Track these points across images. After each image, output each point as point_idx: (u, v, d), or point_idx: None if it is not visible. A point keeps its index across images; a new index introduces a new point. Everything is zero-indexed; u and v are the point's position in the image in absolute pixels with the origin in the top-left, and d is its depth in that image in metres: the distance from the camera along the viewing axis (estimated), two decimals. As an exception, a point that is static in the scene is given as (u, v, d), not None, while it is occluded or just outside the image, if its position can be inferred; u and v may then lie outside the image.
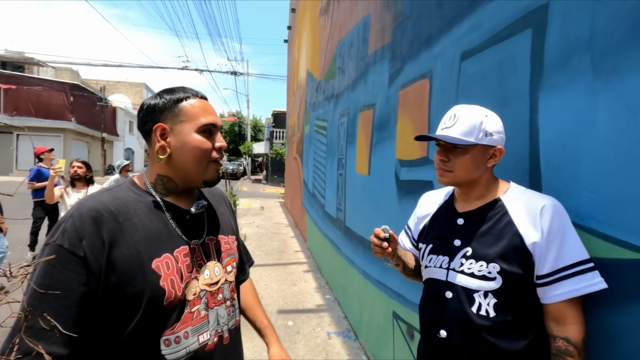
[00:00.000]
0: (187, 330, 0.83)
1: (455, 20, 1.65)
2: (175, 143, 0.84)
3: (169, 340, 0.80)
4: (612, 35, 0.90)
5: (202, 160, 0.85)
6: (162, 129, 0.85)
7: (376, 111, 2.79)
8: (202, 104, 0.88)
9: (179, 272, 0.82)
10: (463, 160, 0.99)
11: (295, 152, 8.95)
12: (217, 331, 0.89)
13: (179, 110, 0.85)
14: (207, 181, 0.89)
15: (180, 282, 0.82)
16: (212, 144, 0.87)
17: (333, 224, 4.31)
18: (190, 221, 0.90)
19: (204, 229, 0.93)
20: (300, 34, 8.32)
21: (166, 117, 0.85)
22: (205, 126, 0.86)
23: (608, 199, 0.90)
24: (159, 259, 0.80)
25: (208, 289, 0.88)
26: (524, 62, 1.20)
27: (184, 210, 0.89)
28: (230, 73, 24.21)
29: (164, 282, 0.79)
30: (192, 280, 0.85)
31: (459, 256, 1.01)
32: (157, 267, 0.79)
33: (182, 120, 0.85)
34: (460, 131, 0.97)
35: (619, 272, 0.86)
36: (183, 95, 0.86)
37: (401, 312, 2.20)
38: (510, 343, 0.92)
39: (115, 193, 0.84)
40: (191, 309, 0.84)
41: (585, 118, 0.96)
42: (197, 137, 0.85)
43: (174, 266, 0.82)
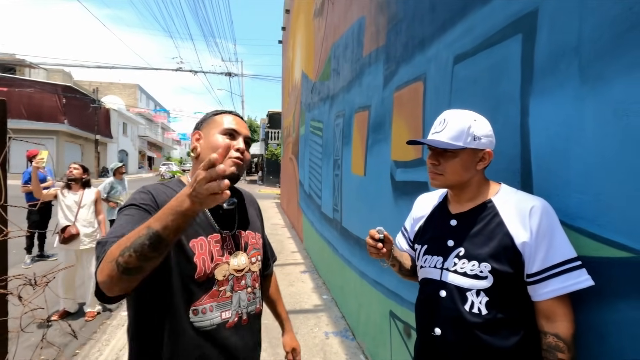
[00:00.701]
0: (212, 305, 0.99)
1: (448, 24, 1.68)
2: (204, 144, 1.06)
3: (197, 310, 0.96)
4: (598, 41, 0.93)
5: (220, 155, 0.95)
6: (197, 135, 1.09)
7: (371, 113, 2.81)
8: (231, 117, 1.10)
9: (210, 253, 0.99)
10: (453, 163, 1.02)
11: (290, 152, 8.96)
12: (238, 312, 1.04)
13: (212, 120, 1.08)
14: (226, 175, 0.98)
15: (210, 262, 0.99)
16: (231, 144, 1.03)
17: (329, 224, 4.34)
18: (223, 215, 1.08)
19: (234, 223, 1.11)
20: (294, 35, 8.33)
21: (204, 126, 1.09)
22: (226, 130, 1.05)
23: (596, 199, 0.93)
24: (195, 240, 0.98)
25: (235, 274, 1.05)
26: (515, 67, 1.23)
27: (219, 205, 1.03)
28: (225, 74, 24.14)
29: (197, 260, 0.96)
30: (223, 264, 1.02)
31: (452, 256, 1.04)
32: (193, 246, 0.97)
33: (212, 127, 1.07)
34: (449, 136, 1.00)
35: (608, 270, 0.89)
36: (220, 111, 1.12)
37: (398, 311, 2.23)
38: (502, 340, 0.95)
39: (164, 187, 1.05)
40: (219, 287, 1.00)
41: (573, 122, 0.99)
42: (218, 137, 1.04)
43: (207, 248, 0.99)
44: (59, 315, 3.63)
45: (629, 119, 0.85)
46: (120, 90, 34.56)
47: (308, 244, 6.16)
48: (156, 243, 0.71)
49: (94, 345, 3.12)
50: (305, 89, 6.52)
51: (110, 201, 5.04)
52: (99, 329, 3.45)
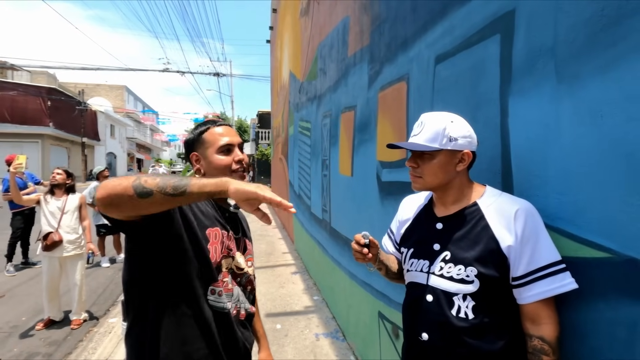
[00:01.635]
0: (221, 290, 1.04)
1: (429, 25, 1.67)
2: (206, 165, 1.12)
3: (214, 290, 1.03)
4: (573, 42, 0.93)
5: (225, 172, 1.08)
6: (196, 157, 1.13)
7: (357, 113, 2.81)
8: (220, 130, 1.13)
9: (221, 243, 1.06)
10: (430, 165, 1.02)
11: (280, 153, 8.92)
12: (236, 306, 1.09)
13: (202, 140, 1.12)
14: None
15: (220, 252, 1.05)
16: (231, 159, 1.11)
17: (319, 225, 4.32)
18: (230, 218, 1.16)
19: (238, 228, 1.19)
20: (282, 34, 8.29)
21: (197, 147, 1.13)
22: (222, 147, 1.10)
23: (574, 200, 0.93)
24: (212, 229, 1.05)
25: (236, 270, 1.11)
26: (494, 67, 1.23)
27: (225, 209, 1.15)
28: (213, 74, 23.91)
29: (210, 246, 1.03)
30: (229, 257, 1.08)
31: (438, 260, 1.03)
32: (209, 234, 1.04)
33: (207, 147, 1.11)
34: (425, 138, 1.00)
35: (586, 270, 0.90)
36: (204, 128, 1.14)
37: (386, 312, 2.23)
38: (489, 344, 0.95)
39: None
40: (223, 278, 1.06)
41: (551, 122, 0.99)
42: (217, 157, 1.10)
43: (220, 238, 1.06)
44: (43, 324, 3.55)
45: (603, 119, 0.85)
46: (107, 91, 33.99)
47: (299, 245, 6.14)
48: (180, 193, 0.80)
49: (80, 354, 3.06)
50: (293, 89, 6.49)
51: (95, 205, 4.94)
52: (85, 337, 3.39)
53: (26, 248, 5.47)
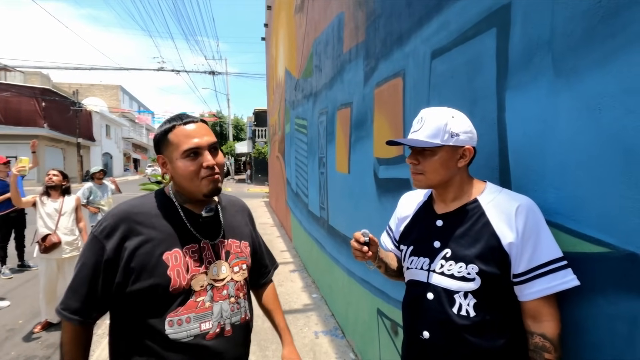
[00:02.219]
0: (190, 316, 0.97)
1: (425, 20, 1.66)
2: (172, 169, 1.01)
3: (172, 322, 0.95)
4: (570, 35, 0.92)
5: (193, 180, 0.98)
6: (161, 159, 1.03)
7: (353, 110, 2.79)
8: (188, 130, 0.99)
9: (185, 265, 0.97)
10: (432, 162, 1.00)
11: (277, 151, 8.89)
12: (220, 323, 1.02)
13: (167, 141, 0.99)
14: (206, 194, 1.01)
15: (186, 274, 0.97)
16: (199, 164, 0.98)
17: (317, 223, 4.31)
18: (204, 224, 1.06)
19: (217, 232, 1.08)
20: (277, 31, 8.24)
21: (163, 148, 1.01)
22: (187, 151, 0.97)
23: (572, 195, 0.92)
24: (169, 252, 0.97)
25: (214, 284, 1.02)
26: (490, 61, 1.21)
27: (197, 214, 1.05)
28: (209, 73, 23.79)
29: (170, 272, 0.95)
30: (200, 274, 0.99)
31: (438, 258, 1.02)
32: (166, 259, 0.96)
33: (172, 150, 0.99)
34: (426, 134, 0.98)
35: (585, 265, 0.89)
36: (169, 126, 0.99)
37: (385, 309, 2.22)
38: (490, 341, 0.94)
39: (145, 199, 1.04)
40: (196, 298, 0.98)
41: (548, 117, 0.98)
42: (182, 163, 0.98)
43: (182, 259, 0.98)
44: (41, 327, 3.53)
45: (601, 113, 0.84)
46: (101, 91, 33.75)
47: (297, 243, 6.13)
48: None
49: (78, 356, 3.04)
50: (289, 87, 6.46)
51: (90, 206, 4.91)
52: (83, 339, 3.36)
53: (21, 251, 5.42)
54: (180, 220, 1.02)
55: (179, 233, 1.00)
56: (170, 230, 0.99)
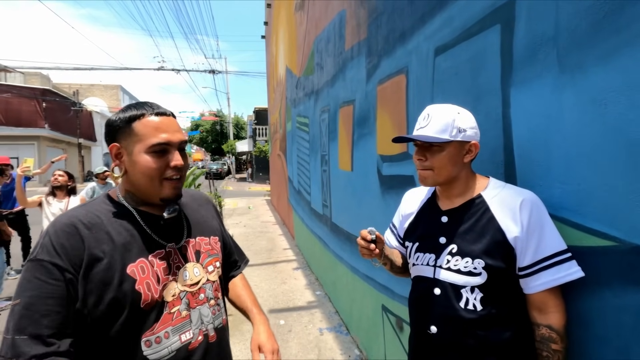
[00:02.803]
0: (168, 330, 0.87)
1: (427, 16, 1.66)
2: (128, 163, 0.87)
3: (150, 341, 0.84)
4: (575, 30, 0.92)
5: (153, 180, 0.87)
6: (116, 149, 0.88)
7: (356, 107, 2.80)
8: (158, 122, 0.87)
9: (155, 275, 0.86)
10: (440, 158, 1.01)
11: (278, 149, 8.90)
12: (202, 330, 0.93)
13: (131, 129, 0.86)
14: (164, 199, 0.90)
15: (157, 285, 0.86)
16: (165, 163, 0.87)
17: (320, 220, 4.33)
18: (166, 226, 0.94)
19: (182, 233, 0.97)
20: (277, 29, 8.23)
21: (121, 137, 0.87)
22: (155, 146, 0.85)
23: (578, 189, 0.93)
24: (133, 264, 0.84)
25: (188, 290, 0.92)
26: (494, 58, 1.22)
27: (157, 216, 0.93)
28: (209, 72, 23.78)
29: (139, 286, 0.83)
30: (170, 282, 0.89)
31: (444, 253, 1.04)
32: (132, 272, 0.84)
33: (134, 141, 0.86)
34: (434, 130, 0.99)
35: (591, 259, 0.90)
36: (137, 114, 0.86)
37: (390, 305, 2.24)
38: (497, 334, 0.96)
39: (89, 207, 0.89)
40: (170, 309, 0.88)
41: (553, 112, 0.99)
42: (145, 158, 0.85)
43: (150, 270, 0.86)
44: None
45: (606, 108, 0.85)
46: (101, 91, 33.75)
47: (299, 241, 6.15)
48: None
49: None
50: (290, 85, 6.46)
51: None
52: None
53: (27, 252, 5.45)
54: (139, 226, 0.89)
55: (140, 241, 0.87)
56: (129, 240, 0.86)
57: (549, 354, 0.92)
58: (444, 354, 1.02)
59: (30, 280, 0.77)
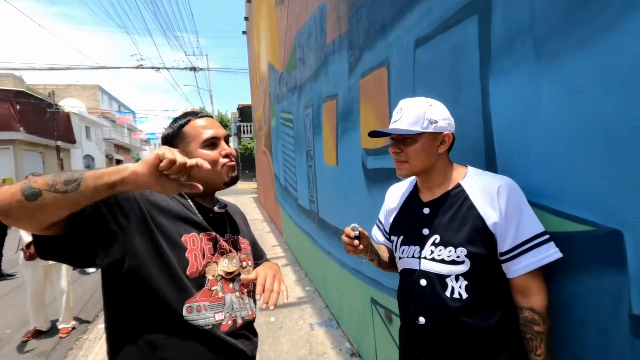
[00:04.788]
0: (206, 304, 0.94)
1: (407, 8, 1.66)
2: None
3: (192, 307, 0.92)
4: (549, 19, 0.93)
5: (214, 168, 1.00)
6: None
7: (339, 101, 2.79)
8: (203, 122, 1.04)
9: (202, 250, 0.97)
10: (414, 149, 1.02)
11: (264, 146, 8.83)
12: (231, 315, 1.00)
13: (184, 134, 1.02)
14: (227, 182, 1.04)
15: (202, 259, 0.96)
16: (218, 152, 1.02)
17: (307, 216, 4.32)
18: (214, 219, 1.06)
19: (226, 228, 1.10)
20: (258, 25, 8.12)
21: (177, 142, 1.03)
22: (207, 140, 1.01)
23: (556, 176, 0.95)
24: (187, 235, 0.96)
25: (224, 276, 1.01)
26: (473, 48, 1.23)
27: (208, 208, 1.06)
28: (190, 69, 23.34)
29: (188, 254, 0.94)
30: (212, 263, 0.99)
31: (428, 244, 1.05)
32: (185, 241, 0.95)
33: (189, 142, 1.01)
34: (406, 123, 1.01)
35: (570, 244, 0.92)
36: (184, 121, 1.04)
37: (378, 297, 2.25)
38: (484, 321, 0.97)
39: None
40: (211, 287, 0.97)
41: (530, 101, 1.00)
42: (203, 152, 1.00)
43: (199, 244, 0.97)
44: (30, 335, 3.45)
45: (582, 96, 0.86)
46: (79, 92, 32.73)
47: (288, 237, 6.14)
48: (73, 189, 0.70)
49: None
50: (273, 80, 6.40)
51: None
52: (75, 345, 3.32)
53: None
54: (194, 211, 1.02)
55: (194, 220, 1.00)
56: (186, 215, 0.99)
57: (532, 336, 0.94)
58: (434, 344, 1.04)
59: None
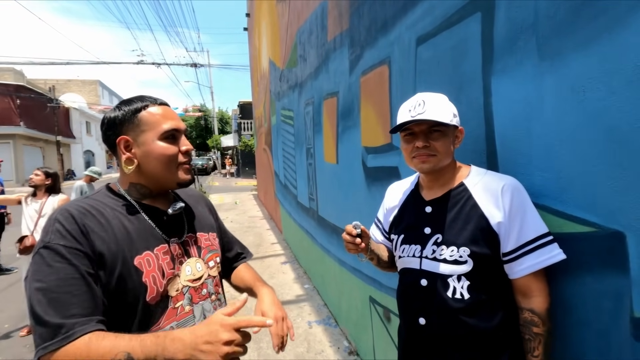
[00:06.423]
0: (172, 326, 0.86)
1: (409, 5, 1.64)
2: (141, 153, 0.87)
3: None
4: (554, 17, 0.92)
5: (170, 165, 0.89)
6: (125, 141, 0.87)
7: (340, 99, 2.77)
8: (162, 110, 0.90)
9: (160, 269, 0.86)
10: (444, 142, 1.00)
11: (264, 143, 8.82)
12: None
13: (138, 120, 0.87)
14: (181, 183, 0.92)
15: (162, 279, 0.85)
16: (177, 148, 0.90)
17: (307, 214, 4.31)
18: (168, 221, 0.94)
19: (183, 228, 0.98)
20: (259, 21, 8.09)
21: (128, 129, 0.87)
22: (167, 132, 0.88)
23: (558, 177, 0.94)
24: (140, 256, 0.83)
25: (191, 285, 0.92)
26: (476, 46, 1.21)
27: (161, 211, 0.93)
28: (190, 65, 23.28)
29: (146, 279, 0.82)
30: (174, 277, 0.89)
31: (430, 243, 1.03)
32: (139, 264, 0.83)
33: (144, 130, 0.87)
34: (436, 115, 0.96)
35: (572, 245, 0.91)
36: (141, 105, 0.88)
37: (377, 296, 2.25)
38: (485, 321, 0.96)
39: (93, 199, 0.88)
40: (174, 304, 0.88)
41: (533, 100, 0.99)
42: (161, 144, 0.87)
43: (155, 263, 0.85)
44: (28, 330, 3.45)
45: (585, 95, 0.85)
46: (79, 87, 32.67)
47: (287, 235, 6.13)
48: None
49: (68, 358, 2.99)
50: (274, 77, 6.38)
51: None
52: (73, 340, 3.31)
53: None
54: (143, 219, 0.89)
55: (145, 234, 0.87)
56: (135, 232, 0.85)
57: (531, 337, 0.93)
58: (434, 345, 1.03)
59: (50, 265, 0.73)
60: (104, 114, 0.92)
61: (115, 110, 0.89)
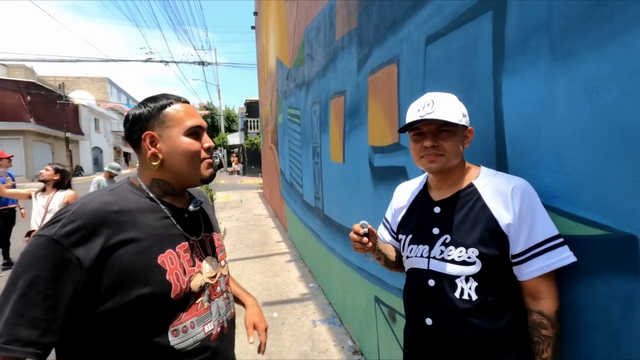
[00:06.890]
0: (193, 321, 0.89)
1: (418, 4, 1.63)
2: (166, 148, 0.89)
3: (177, 330, 0.85)
4: (567, 17, 0.91)
5: (194, 161, 0.91)
6: (151, 137, 0.89)
7: (347, 98, 2.77)
8: (186, 108, 0.93)
9: (182, 266, 0.88)
10: (453, 142, 0.99)
11: (270, 141, 8.83)
12: (219, 322, 0.96)
13: (164, 116, 0.89)
14: (204, 179, 0.95)
15: (184, 276, 0.88)
16: (200, 144, 0.93)
17: (312, 212, 4.32)
18: (188, 219, 0.97)
19: (200, 227, 1.00)
20: (267, 20, 8.10)
21: (153, 125, 0.89)
22: (191, 129, 0.91)
23: (569, 178, 0.93)
24: (163, 254, 0.85)
25: (210, 282, 0.95)
26: (486, 46, 1.20)
27: (181, 209, 0.95)
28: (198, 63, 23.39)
29: (169, 276, 0.84)
30: (196, 274, 0.91)
31: (438, 244, 1.03)
32: (162, 263, 0.84)
33: (169, 126, 0.89)
34: (445, 114, 0.96)
35: (582, 248, 0.90)
36: (166, 102, 0.91)
37: (382, 296, 2.24)
38: (493, 323, 0.95)
39: (118, 193, 0.88)
40: (196, 300, 0.90)
41: (545, 100, 0.98)
42: (186, 140, 0.90)
43: (177, 261, 0.87)
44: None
45: (598, 95, 0.84)
46: (88, 84, 33.03)
47: (292, 233, 6.14)
48: None
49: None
50: (281, 76, 6.38)
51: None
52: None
53: (6, 248, 5.32)
54: (165, 217, 0.90)
55: (167, 232, 0.89)
56: (158, 229, 0.87)
57: (539, 340, 0.92)
58: (440, 345, 1.02)
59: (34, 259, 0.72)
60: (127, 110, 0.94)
61: (140, 107, 0.91)
